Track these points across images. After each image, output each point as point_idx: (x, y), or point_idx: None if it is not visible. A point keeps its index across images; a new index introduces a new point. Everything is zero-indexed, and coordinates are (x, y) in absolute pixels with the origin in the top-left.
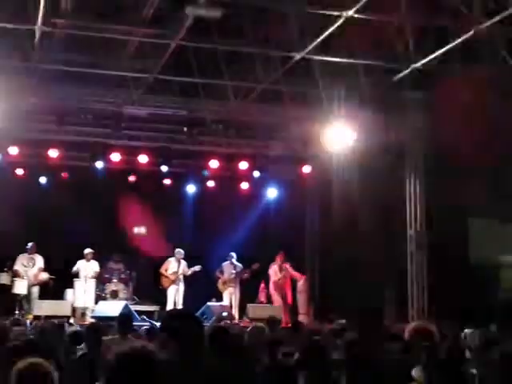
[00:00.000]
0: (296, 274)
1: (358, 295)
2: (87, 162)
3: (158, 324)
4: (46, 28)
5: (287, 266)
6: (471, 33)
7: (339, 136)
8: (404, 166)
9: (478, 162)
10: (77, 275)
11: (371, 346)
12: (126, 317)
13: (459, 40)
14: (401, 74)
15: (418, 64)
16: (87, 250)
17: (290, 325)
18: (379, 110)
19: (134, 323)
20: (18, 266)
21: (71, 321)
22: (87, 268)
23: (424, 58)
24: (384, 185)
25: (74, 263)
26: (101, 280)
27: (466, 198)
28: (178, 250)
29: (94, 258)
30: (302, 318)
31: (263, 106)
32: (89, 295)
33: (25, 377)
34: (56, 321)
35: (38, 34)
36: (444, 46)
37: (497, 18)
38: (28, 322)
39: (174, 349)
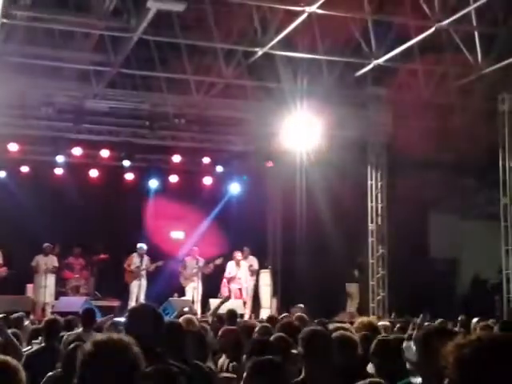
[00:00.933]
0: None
1: (320, 289)
2: (48, 156)
3: (120, 319)
4: (6, 20)
5: (245, 261)
6: (432, 29)
7: (302, 131)
8: (366, 160)
9: (439, 157)
10: (36, 270)
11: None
12: (89, 312)
13: (420, 36)
14: (363, 70)
15: (380, 60)
16: (46, 245)
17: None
18: (342, 106)
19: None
20: None
21: (31, 316)
22: (46, 262)
23: (386, 53)
24: (346, 179)
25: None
26: (61, 275)
27: (426, 193)
28: (140, 245)
29: (53, 253)
30: (264, 311)
31: (226, 100)
32: (49, 290)
33: None
34: (16, 315)
35: None
36: (405, 42)
37: (457, 16)
38: None
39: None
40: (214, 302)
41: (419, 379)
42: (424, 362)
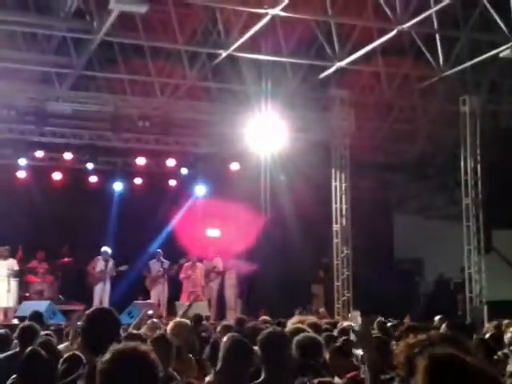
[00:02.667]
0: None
1: (285, 290)
2: (10, 159)
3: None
4: None
5: (200, 264)
6: (394, 32)
7: (266, 133)
8: (330, 163)
9: (401, 158)
10: None
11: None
12: (36, 316)
13: (382, 39)
14: (326, 72)
15: (343, 62)
16: (1, 248)
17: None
18: (306, 108)
19: (60, 322)
20: None
21: None
22: (4, 266)
23: (348, 56)
24: (311, 181)
25: None
26: (25, 279)
27: (389, 195)
28: (105, 248)
29: (12, 256)
30: (229, 313)
31: (190, 102)
32: (11, 295)
33: None
34: None
35: None
36: (368, 45)
37: (418, 18)
38: None
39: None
40: (179, 305)
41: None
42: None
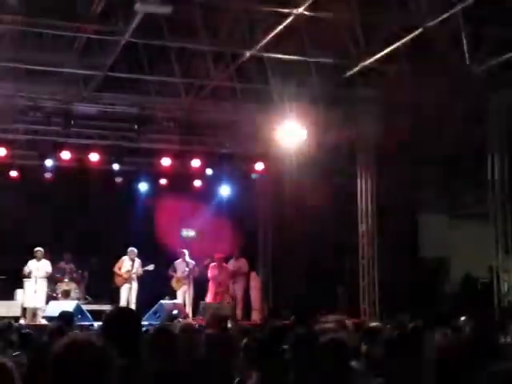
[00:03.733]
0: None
1: (310, 291)
2: (37, 160)
3: None
4: None
5: (226, 264)
6: (419, 30)
7: (291, 133)
8: (355, 162)
9: (428, 157)
10: (28, 276)
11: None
12: (64, 316)
13: (408, 37)
14: (351, 72)
15: (368, 61)
16: (37, 249)
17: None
18: (330, 108)
19: (86, 323)
20: None
21: (21, 321)
22: (38, 268)
23: (373, 55)
24: (335, 182)
25: (24, 263)
26: (52, 280)
27: (416, 193)
28: (131, 248)
29: (45, 258)
30: (255, 314)
31: (215, 103)
32: (39, 295)
33: None
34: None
35: None
36: (393, 43)
37: (444, 16)
38: None
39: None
40: (204, 305)
41: None
42: None
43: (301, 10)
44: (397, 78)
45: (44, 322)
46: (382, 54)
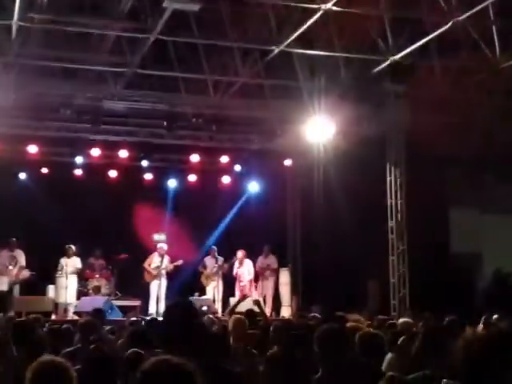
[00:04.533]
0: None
1: (341, 287)
2: (67, 157)
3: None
4: (23, 23)
5: (248, 260)
6: (449, 25)
7: (320, 129)
8: (385, 157)
9: (458, 153)
10: (60, 272)
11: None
12: (98, 312)
13: (437, 32)
14: (380, 67)
15: (397, 56)
16: (68, 246)
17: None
18: (359, 102)
19: (117, 318)
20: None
21: (53, 316)
22: (68, 264)
23: (402, 50)
24: (365, 176)
25: (56, 258)
26: (83, 276)
27: (446, 188)
28: (160, 244)
29: (75, 254)
30: (284, 310)
31: (244, 99)
32: (70, 291)
33: (45, 375)
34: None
35: (14, 29)
36: (422, 38)
37: (474, 10)
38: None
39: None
40: (234, 301)
41: None
42: None
43: (329, 5)
44: (425, 73)
45: (75, 317)
46: (410, 48)
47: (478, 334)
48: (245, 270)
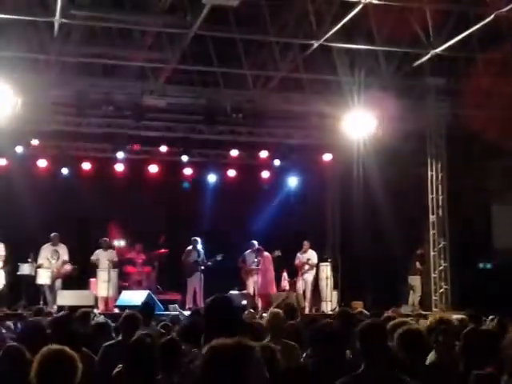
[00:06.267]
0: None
1: (381, 281)
2: (109, 152)
3: (182, 312)
4: (65, 20)
5: (267, 253)
6: (491, 17)
7: (359, 123)
8: (425, 152)
9: (500, 148)
10: (96, 265)
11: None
12: (147, 306)
13: (479, 25)
14: (421, 60)
15: (438, 49)
16: (103, 240)
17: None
18: (400, 97)
19: (158, 312)
20: (42, 260)
21: (95, 310)
22: (104, 257)
23: (444, 43)
24: (405, 171)
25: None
26: (124, 270)
27: (488, 184)
28: (196, 238)
29: (110, 247)
30: (324, 305)
31: (283, 94)
32: (112, 285)
33: (47, 364)
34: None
35: (56, 27)
36: (464, 31)
37: None
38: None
39: None
40: (273, 296)
41: None
42: None
43: None
44: (467, 67)
45: (116, 310)
46: (452, 41)
47: None
48: (266, 263)
